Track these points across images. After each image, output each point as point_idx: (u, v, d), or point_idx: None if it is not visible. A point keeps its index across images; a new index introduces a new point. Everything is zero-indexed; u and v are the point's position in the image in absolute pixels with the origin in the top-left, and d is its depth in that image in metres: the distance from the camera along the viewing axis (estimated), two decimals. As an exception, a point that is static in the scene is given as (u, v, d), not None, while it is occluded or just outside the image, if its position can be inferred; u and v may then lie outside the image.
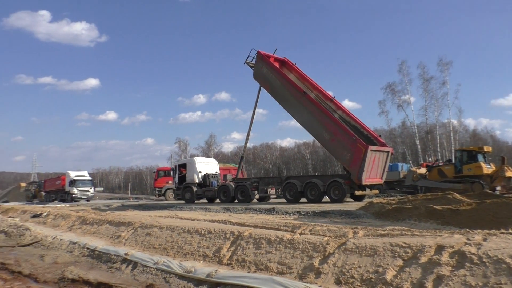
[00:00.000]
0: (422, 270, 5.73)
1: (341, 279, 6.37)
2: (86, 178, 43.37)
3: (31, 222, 19.58)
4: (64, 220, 17.70)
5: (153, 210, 19.96)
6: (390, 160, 19.37)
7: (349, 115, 19.83)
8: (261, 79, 22.00)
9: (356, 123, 19.40)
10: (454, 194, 11.54)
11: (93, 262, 10.70)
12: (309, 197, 18.47)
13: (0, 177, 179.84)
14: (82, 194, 40.99)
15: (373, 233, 7.80)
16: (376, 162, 17.54)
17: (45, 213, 20.94)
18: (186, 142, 77.55)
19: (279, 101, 21.10)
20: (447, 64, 44.43)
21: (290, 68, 22.35)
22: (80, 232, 14.74)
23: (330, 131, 18.20)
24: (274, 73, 20.98)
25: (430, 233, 7.40)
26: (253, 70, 22.59)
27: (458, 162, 23.43)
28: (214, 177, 23.59)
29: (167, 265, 8.71)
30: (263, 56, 21.78)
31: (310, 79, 21.53)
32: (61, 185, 42.97)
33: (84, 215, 17.23)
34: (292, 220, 11.86)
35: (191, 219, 12.98)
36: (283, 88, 20.37)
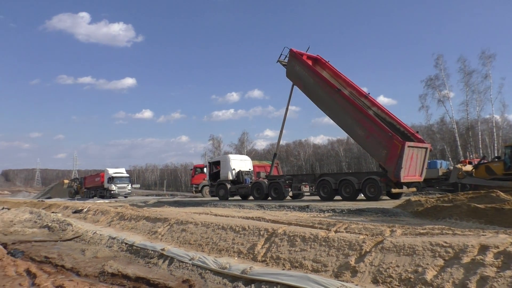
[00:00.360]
0: (465, 270, 5.51)
1: (378, 278, 6.22)
2: (124, 175, 44.53)
3: (73, 217, 20.34)
4: (104, 216, 18.27)
5: (188, 206, 20.28)
6: (428, 157, 18.76)
7: (385, 112, 19.36)
8: (294, 78, 21.86)
9: (392, 120, 18.92)
10: (498, 192, 11.03)
11: (131, 257, 10.97)
12: (343, 194, 18.19)
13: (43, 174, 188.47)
14: (120, 191, 42.12)
15: (411, 232, 7.58)
16: (414, 159, 17.05)
17: (85, 209, 21.70)
18: (220, 139, 78.30)
19: (312, 99, 20.88)
20: (490, 57, 42.42)
21: (323, 65, 22.08)
22: (119, 228, 15.16)
23: (365, 128, 17.84)
24: (307, 71, 20.79)
25: (473, 232, 7.11)
26: (285, 68, 22.49)
27: (507, 159, 22.09)
28: (247, 174, 23.65)
29: (203, 261, 8.80)
30: (295, 54, 21.63)
31: (344, 76, 21.20)
32: (100, 182, 44.34)
33: (122, 211, 17.72)
34: (326, 217, 11.72)
35: (225, 215, 13.07)
36: (316, 86, 20.15)
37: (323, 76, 20.53)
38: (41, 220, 19.80)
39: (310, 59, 22.10)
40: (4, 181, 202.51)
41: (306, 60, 21.54)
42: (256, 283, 7.10)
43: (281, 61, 22.70)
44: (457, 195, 12.48)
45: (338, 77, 21.25)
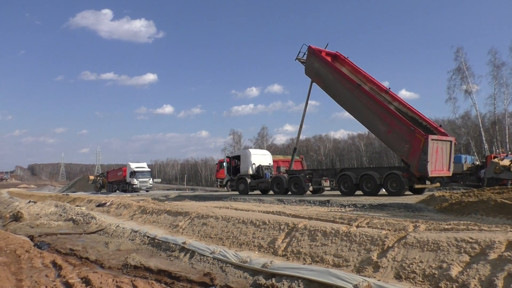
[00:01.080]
0: (491, 267, 5.37)
1: (401, 274, 6.12)
2: (145, 169, 45.13)
3: (96, 211, 20.76)
4: (126, 210, 18.57)
5: (208, 200, 20.41)
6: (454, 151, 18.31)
7: (406, 106, 19.01)
8: (312, 74, 21.70)
9: (414, 114, 18.56)
10: (526, 187, 10.68)
11: (153, 250, 11.12)
12: (364, 189, 17.97)
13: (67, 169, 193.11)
14: (141, 185, 42.72)
15: (435, 227, 7.43)
16: (439, 153, 16.69)
17: (108, 203, 22.10)
18: (240, 134, 78.62)
19: (332, 96, 20.69)
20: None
21: (343, 62, 21.84)
22: (141, 221, 15.39)
23: (386, 123, 17.56)
24: (326, 67, 20.61)
25: (500, 228, 6.92)
26: (304, 65, 22.35)
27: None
28: (267, 169, 23.62)
29: (223, 254, 8.85)
30: (314, 50, 21.46)
31: (364, 72, 20.92)
32: (122, 176, 45.09)
33: (144, 205, 17.97)
34: (347, 212, 11.60)
35: (246, 210, 13.10)
36: (336, 82, 19.96)
37: (342, 71, 20.29)
38: (66, 214, 20.28)
39: (329, 55, 21.90)
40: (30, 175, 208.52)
41: (325, 57, 21.34)
42: (277, 277, 7.10)
43: (300, 59, 22.58)
44: (483, 190, 12.17)
45: (358, 72, 20.99)
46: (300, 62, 22.65)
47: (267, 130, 77.68)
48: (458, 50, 43.99)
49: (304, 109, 23.93)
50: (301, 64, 22.65)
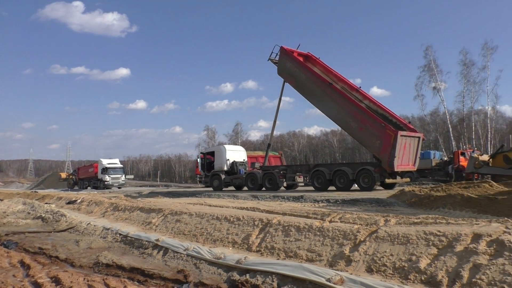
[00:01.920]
0: (458, 259, 5.55)
1: (372, 267, 6.26)
2: (118, 165, 44.43)
3: (66, 208, 20.25)
4: (97, 207, 18.21)
5: (182, 197, 20.27)
6: (421, 148, 18.89)
7: (377, 104, 19.53)
8: (285, 74, 22.04)
9: (384, 111, 19.06)
10: (491, 182, 11.13)
11: (126, 248, 10.95)
12: (337, 185, 18.29)
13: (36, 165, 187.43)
14: (113, 182, 42.04)
15: (405, 221, 7.62)
16: (407, 148, 17.19)
17: (79, 200, 21.61)
18: (214, 130, 78.32)
19: (304, 95, 21.08)
20: (491, 49, 42.53)
21: (314, 62, 22.29)
22: (113, 218, 15.12)
23: (358, 120, 17.97)
24: (298, 67, 20.97)
25: (466, 221, 7.16)
26: (277, 66, 22.61)
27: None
28: (241, 165, 23.67)
29: (197, 251, 8.81)
30: (286, 51, 21.84)
31: (335, 72, 21.46)
32: (94, 173, 44.21)
33: (116, 202, 17.67)
34: (321, 208, 11.76)
35: (220, 206, 13.07)
36: (308, 81, 20.32)
37: (314, 71, 20.74)
38: (35, 211, 19.70)
39: (301, 56, 22.35)
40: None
41: (297, 57, 21.73)
42: (251, 273, 7.12)
43: (272, 59, 22.92)
44: (450, 185, 12.58)
45: (329, 72, 21.47)
46: (272, 63, 22.99)
47: (242, 126, 77.77)
48: (427, 48, 45.24)
49: (277, 108, 24.20)
50: (273, 64, 22.93)
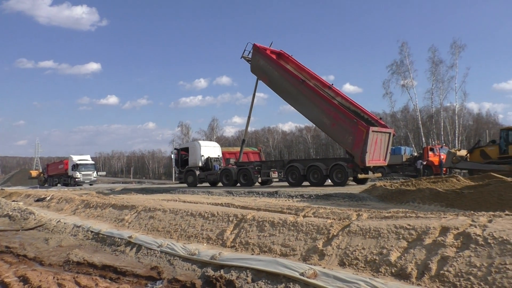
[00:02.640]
0: (427, 251, 5.72)
1: (345, 260, 6.37)
2: (89, 162, 43.53)
3: (35, 206, 19.69)
4: (68, 204, 17.78)
5: (155, 193, 20.04)
6: (392, 143, 19.35)
7: (349, 101, 19.89)
8: (258, 72, 22.14)
9: (356, 108, 19.41)
10: (458, 176, 11.51)
11: (98, 245, 10.76)
12: (311, 180, 18.50)
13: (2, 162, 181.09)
14: (85, 178, 41.19)
15: (377, 215, 7.79)
16: (378, 144, 17.57)
17: (48, 197, 21.05)
18: (188, 126, 77.69)
19: (277, 92, 21.25)
20: (460, 47, 43.83)
21: (287, 60, 22.51)
22: (84, 216, 14.82)
23: (331, 116, 18.24)
24: (271, 64, 21.13)
25: (435, 215, 7.38)
26: (250, 64, 22.65)
27: (503, 142, 21.98)
28: (216, 161, 23.60)
29: (171, 247, 8.74)
30: (259, 48, 21.95)
31: (308, 69, 21.75)
32: (64, 169, 43.17)
33: (87, 199, 17.31)
34: (295, 203, 11.87)
35: (194, 202, 13.01)
36: (281, 79, 20.47)
37: (287, 68, 20.94)
38: (1, 209, 19.07)
39: (274, 53, 22.57)
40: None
41: (270, 55, 21.84)
42: (225, 269, 7.12)
43: (245, 57, 22.96)
44: (420, 179, 12.93)
45: (302, 70, 21.72)
46: (245, 60, 23.04)
47: (217, 122, 77.37)
48: (403, 45, 46.14)
49: (251, 105, 24.29)
50: (247, 62, 22.98)
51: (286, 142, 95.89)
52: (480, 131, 66.54)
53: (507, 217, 6.47)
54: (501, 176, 11.13)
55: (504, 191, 8.64)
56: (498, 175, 11.50)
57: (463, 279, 5.00)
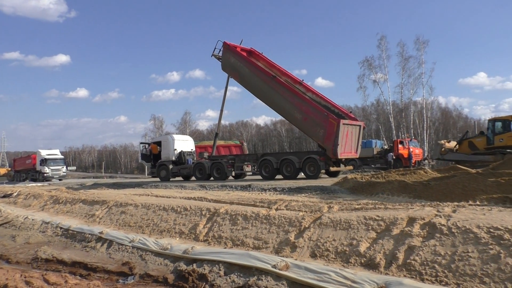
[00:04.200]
0: (395, 241, 5.89)
1: (316, 252, 6.48)
2: (58, 156, 42.49)
3: (1, 202, 19.05)
4: (36, 200, 17.30)
5: (127, 188, 19.75)
6: (363, 136, 19.74)
7: (319, 96, 20.21)
8: (229, 69, 22.21)
9: (327, 103, 19.73)
10: (425, 168, 11.84)
11: (67, 242, 10.55)
12: (284, 173, 18.64)
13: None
14: (54, 173, 40.21)
15: (347, 207, 7.94)
16: (349, 136, 17.91)
17: (15, 193, 20.42)
18: (161, 119, 76.58)
19: (249, 89, 21.36)
20: (424, 43, 44.97)
21: (258, 57, 22.70)
22: (53, 212, 14.47)
23: (302, 111, 18.47)
24: (242, 61, 21.25)
25: (403, 206, 7.60)
26: (220, 62, 22.66)
27: (490, 133, 21.93)
28: (189, 155, 23.42)
29: (143, 242, 8.67)
30: (229, 46, 22.06)
31: (278, 66, 22.05)
32: (31, 164, 42.00)
33: (56, 195, 16.89)
34: (268, 196, 11.95)
35: (167, 196, 12.91)
36: (252, 75, 20.61)
37: (258, 65, 21.13)
38: (-35, 206, 18.35)
39: (244, 51, 22.70)
40: None
41: (241, 52, 21.92)
42: (198, 263, 7.13)
43: (216, 55, 22.96)
44: (389, 172, 13.24)
45: (273, 67, 21.97)
46: (216, 58, 23.06)
47: (190, 116, 76.65)
48: (381, 39, 46.84)
49: (223, 101, 24.32)
50: (217, 60, 23.00)
51: (260, 135, 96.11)
52: (447, 124, 68.67)
53: (470, 207, 6.74)
54: (466, 168, 11.56)
55: (468, 183, 8.97)
56: (463, 167, 11.95)
57: (429, 267, 5.18)
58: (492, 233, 5.21)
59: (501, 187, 8.38)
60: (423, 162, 30.50)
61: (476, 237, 5.27)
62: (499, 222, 5.45)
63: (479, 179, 9.01)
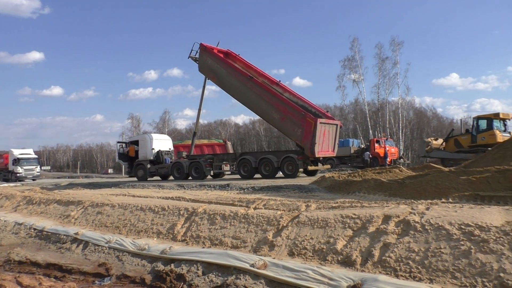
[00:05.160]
0: (370, 239, 6.01)
1: (294, 250, 6.55)
2: (31, 156, 41.48)
3: (-29, 203, 18.45)
4: (8, 201, 16.84)
5: (104, 188, 19.43)
6: (341, 136, 20.04)
7: (296, 96, 20.46)
8: (206, 71, 22.23)
9: (304, 103, 19.98)
10: (401, 167, 12.09)
11: (41, 243, 10.32)
12: (263, 172, 18.72)
13: None
14: (27, 173, 39.24)
15: (325, 206, 8.04)
16: (326, 135, 18.15)
17: (-14, 194, 19.79)
18: (139, 118, 75.63)
19: (226, 90, 21.42)
20: (399, 44, 46.00)
21: (235, 59, 22.84)
22: (26, 213, 14.11)
23: (280, 111, 18.64)
24: (219, 62, 21.32)
25: (378, 204, 7.74)
26: (197, 63, 22.63)
27: (474, 131, 22.11)
28: (167, 154, 23.24)
29: (120, 243, 8.56)
30: (206, 48, 22.12)
31: (255, 67, 22.26)
32: (4, 164, 40.87)
33: (30, 195, 16.47)
34: (246, 195, 11.97)
35: (144, 196, 12.77)
36: (229, 76, 20.69)
37: (235, 66, 21.25)
38: None
39: (221, 53, 22.86)
40: None
41: (218, 53, 21.97)
42: (176, 263, 7.09)
43: (193, 57, 22.96)
44: (366, 170, 13.47)
45: (250, 68, 22.14)
46: (193, 60, 23.02)
47: (169, 114, 75.97)
48: (354, 40, 47.64)
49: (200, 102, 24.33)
50: (194, 62, 22.99)
51: (239, 134, 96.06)
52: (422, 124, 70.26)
53: (442, 204, 6.93)
54: (439, 167, 11.88)
55: (440, 181, 9.21)
56: (436, 166, 12.26)
57: (403, 264, 5.31)
58: (463, 230, 5.38)
59: (472, 185, 8.64)
60: (398, 160, 31.15)
61: (448, 233, 5.42)
62: (470, 218, 5.62)
63: (452, 177, 9.26)
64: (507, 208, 6.10)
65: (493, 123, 21.49)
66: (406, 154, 50.75)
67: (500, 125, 21.77)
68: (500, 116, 21.82)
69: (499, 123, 21.77)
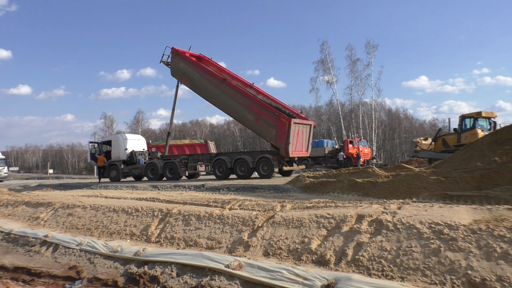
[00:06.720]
0: (344, 238, 6.09)
1: (269, 251, 6.56)
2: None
3: None
4: (-27, 203, 16.19)
5: (75, 189, 18.97)
6: (315, 136, 20.28)
7: (270, 98, 20.64)
8: (179, 75, 22.13)
9: (278, 104, 20.18)
10: (373, 167, 12.32)
11: (9, 246, 9.98)
12: (238, 173, 18.72)
13: None
14: (-6, 174, 37.88)
15: (299, 206, 8.10)
16: (300, 135, 18.37)
17: (-51, 196, 18.99)
18: (112, 118, 74.23)
19: (199, 93, 21.39)
20: (373, 47, 46.92)
21: (207, 62, 22.88)
22: (-8, 215, 13.60)
23: (254, 112, 18.74)
24: (191, 66, 21.29)
25: (352, 204, 7.86)
26: (169, 68, 22.46)
27: (459, 130, 22.22)
28: (141, 154, 22.91)
29: (92, 245, 8.37)
30: (178, 51, 22.09)
31: (228, 70, 22.41)
32: (-32, 165, 39.28)
33: (-4, 197, 15.89)
34: (221, 196, 11.94)
35: (117, 197, 12.53)
36: (202, 79, 20.67)
37: (208, 69, 21.27)
38: None
39: (193, 57, 22.84)
40: None
41: (190, 57, 21.89)
42: (150, 264, 6.99)
43: (164, 61, 22.80)
44: (339, 171, 13.66)
45: (223, 71, 22.26)
46: (165, 65, 22.83)
47: (143, 114, 74.90)
48: (323, 44, 48.29)
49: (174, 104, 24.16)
50: (166, 66, 22.80)
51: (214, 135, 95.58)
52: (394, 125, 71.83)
53: (413, 204, 7.09)
54: (410, 167, 12.17)
55: (412, 181, 9.45)
56: (408, 166, 12.56)
57: (375, 263, 5.41)
58: (433, 228, 5.53)
59: (442, 185, 8.90)
60: (371, 161, 31.75)
61: (419, 232, 5.56)
62: (439, 217, 5.78)
63: (422, 177, 9.51)
64: (474, 207, 6.30)
65: (476, 122, 21.66)
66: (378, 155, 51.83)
67: (486, 124, 21.88)
68: (482, 114, 21.96)
69: (484, 121, 21.91)
